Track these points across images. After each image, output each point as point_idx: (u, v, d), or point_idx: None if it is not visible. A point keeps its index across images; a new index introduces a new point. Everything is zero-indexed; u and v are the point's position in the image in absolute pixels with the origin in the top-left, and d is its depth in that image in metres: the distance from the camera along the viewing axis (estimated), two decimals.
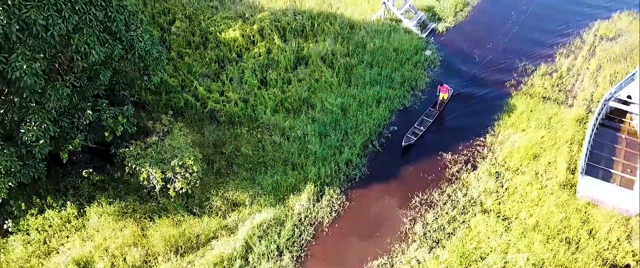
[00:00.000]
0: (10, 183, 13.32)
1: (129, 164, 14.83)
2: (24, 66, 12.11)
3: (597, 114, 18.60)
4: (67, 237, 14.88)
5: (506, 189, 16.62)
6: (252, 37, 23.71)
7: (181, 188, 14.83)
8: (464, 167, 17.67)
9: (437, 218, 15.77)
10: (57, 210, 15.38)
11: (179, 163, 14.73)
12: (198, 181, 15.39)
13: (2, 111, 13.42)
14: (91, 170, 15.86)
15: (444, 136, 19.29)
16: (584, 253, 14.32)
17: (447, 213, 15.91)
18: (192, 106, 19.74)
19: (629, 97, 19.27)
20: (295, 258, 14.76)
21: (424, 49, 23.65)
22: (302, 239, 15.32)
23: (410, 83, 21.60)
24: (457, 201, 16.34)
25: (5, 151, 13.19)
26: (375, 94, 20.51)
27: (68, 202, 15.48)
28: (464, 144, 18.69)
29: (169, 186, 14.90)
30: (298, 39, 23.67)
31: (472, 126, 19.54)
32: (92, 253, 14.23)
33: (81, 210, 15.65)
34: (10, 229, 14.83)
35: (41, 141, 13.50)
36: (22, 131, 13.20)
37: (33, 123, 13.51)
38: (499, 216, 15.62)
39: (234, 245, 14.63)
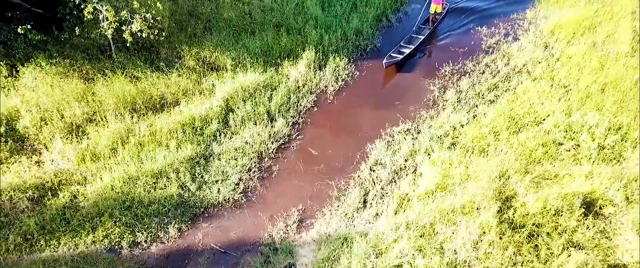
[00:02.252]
0: None
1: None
2: None
3: None
4: None
5: (558, 59, 13.11)
6: None
7: (140, 31, 11.19)
8: (503, 39, 14.17)
9: (474, 85, 12.26)
10: None
11: None
12: (164, 31, 11.78)
13: None
14: (29, 27, 12.21)
15: (476, 14, 15.79)
16: None
17: (486, 80, 12.40)
18: None
19: None
20: (290, 124, 11.21)
21: None
22: (301, 106, 11.77)
23: None
24: (498, 70, 12.83)
25: None
26: None
27: None
28: (501, 19, 15.19)
29: (124, 28, 11.24)
30: None
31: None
32: (18, 108, 10.62)
33: (13, 72, 12.01)
34: None
35: None
36: None
37: None
38: (553, 82, 12.13)
39: (211, 104, 11.08)
